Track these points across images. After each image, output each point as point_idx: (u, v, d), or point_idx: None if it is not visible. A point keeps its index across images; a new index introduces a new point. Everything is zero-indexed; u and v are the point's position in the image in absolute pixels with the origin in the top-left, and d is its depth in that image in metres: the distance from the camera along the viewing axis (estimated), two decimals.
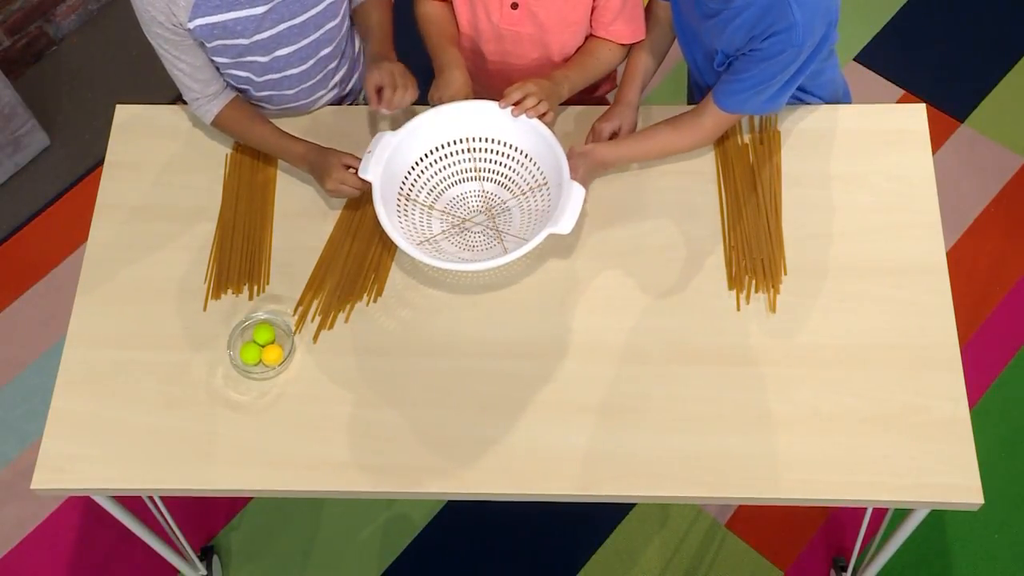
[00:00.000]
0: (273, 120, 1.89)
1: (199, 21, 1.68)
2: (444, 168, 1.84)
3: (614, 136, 1.85)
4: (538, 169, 1.79)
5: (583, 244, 1.81)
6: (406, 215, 1.79)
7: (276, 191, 1.89)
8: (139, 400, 1.70)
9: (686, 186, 1.86)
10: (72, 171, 2.88)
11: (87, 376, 1.72)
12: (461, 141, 1.82)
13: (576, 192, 1.69)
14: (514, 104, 1.76)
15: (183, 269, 1.81)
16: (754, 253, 1.78)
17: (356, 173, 1.75)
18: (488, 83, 1.99)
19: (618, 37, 1.90)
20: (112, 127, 1.96)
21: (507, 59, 1.96)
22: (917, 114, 1.92)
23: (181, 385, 1.71)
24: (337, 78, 1.96)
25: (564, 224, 1.67)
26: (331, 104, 2.00)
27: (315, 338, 1.75)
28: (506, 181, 1.84)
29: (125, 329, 1.76)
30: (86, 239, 1.85)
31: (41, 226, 2.81)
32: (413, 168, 1.81)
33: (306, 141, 1.84)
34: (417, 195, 1.82)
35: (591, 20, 1.90)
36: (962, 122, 2.87)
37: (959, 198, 2.74)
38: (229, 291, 1.79)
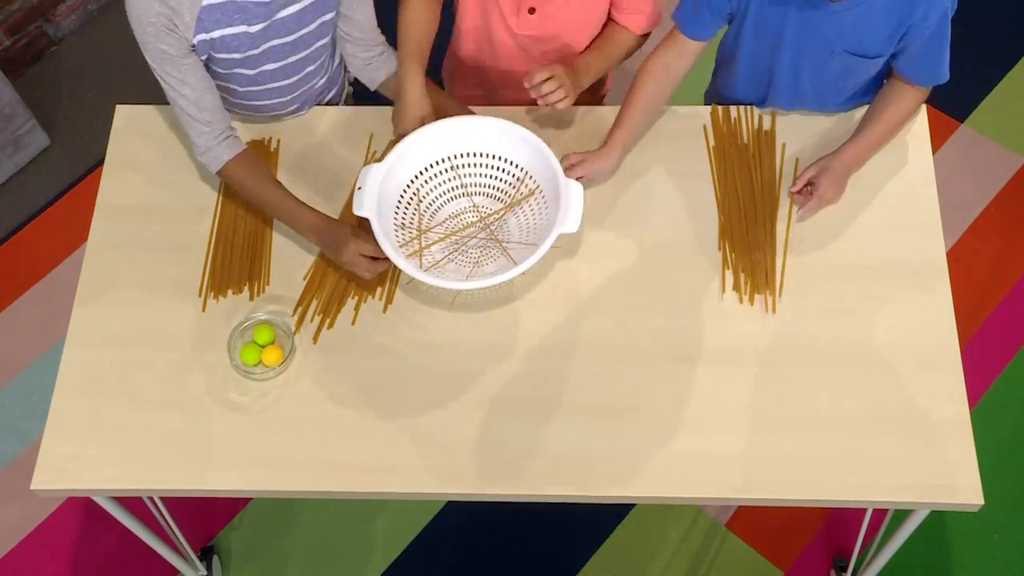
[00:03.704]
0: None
1: (202, 36, 1.67)
2: (432, 190, 1.81)
3: (581, 178, 1.78)
4: (527, 175, 1.78)
5: (584, 244, 1.81)
6: (404, 243, 1.75)
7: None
8: (139, 400, 1.70)
9: (686, 186, 1.86)
10: (72, 171, 2.88)
11: (87, 376, 1.72)
12: (443, 160, 1.79)
13: (575, 190, 1.68)
14: (532, 86, 1.74)
15: (183, 269, 1.81)
16: (753, 254, 1.78)
17: (372, 258, 1.70)
18: (503, 89, 1.98)
19: (634, 25, 1.87)
20: (112, 127, 1.96)
21: (523, 65, 1.92)
22: (917, 114, 1.91)
23: (181, 385, 1.71)
24: (318, 89, 1.94)
25: (571, 223, 1.66)
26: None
27: (315, 339, 1.74)
28: (496, 192, 1.82)
29: (125, 329, 1.76)
30: (86, 239, 1.85)
31: (41, 226, 2.81)
32: (402, 197, 1.77)
33: (319, 212, 1.75)
34: (411, 222, 1.79)
35: (610, 6, 1.87)
36: (962, 122, 2.86)
37: (959, 198, 2.74)
38: (229, 291, 1.79)
